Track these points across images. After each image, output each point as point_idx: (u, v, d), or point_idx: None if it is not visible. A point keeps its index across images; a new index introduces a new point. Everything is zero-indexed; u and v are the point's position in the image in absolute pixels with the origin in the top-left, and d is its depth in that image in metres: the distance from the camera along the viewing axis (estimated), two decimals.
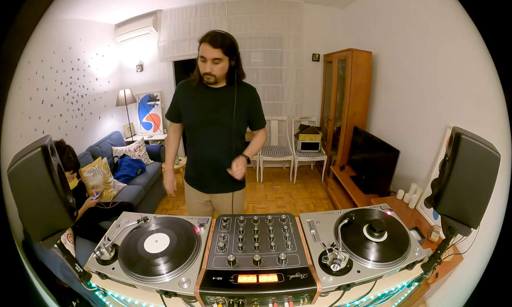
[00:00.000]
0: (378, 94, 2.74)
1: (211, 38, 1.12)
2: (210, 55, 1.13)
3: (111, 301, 0.87)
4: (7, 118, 1.41)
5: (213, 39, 1.12)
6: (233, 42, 1.17)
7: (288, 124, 3.62)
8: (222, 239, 0.88)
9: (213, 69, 1.16)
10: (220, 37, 1.13)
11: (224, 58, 1.16)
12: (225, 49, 1.14)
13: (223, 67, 1.18)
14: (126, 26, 3.26)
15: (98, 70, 3.05)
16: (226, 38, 1.15)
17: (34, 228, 0.66)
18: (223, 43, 1.13)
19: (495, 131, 1.27)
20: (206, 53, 1.13)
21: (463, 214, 0.71)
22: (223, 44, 1.13)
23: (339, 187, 2.80)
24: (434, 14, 1.83)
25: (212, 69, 1.16)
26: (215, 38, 1.12)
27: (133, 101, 3.48)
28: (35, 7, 1.36)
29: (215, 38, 1.12)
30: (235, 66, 1.22)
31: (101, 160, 2.56)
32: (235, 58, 1.21)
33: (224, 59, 1.16)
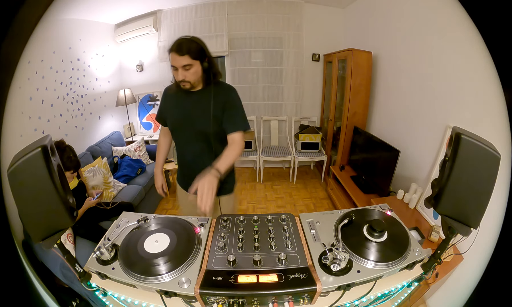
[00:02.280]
0: (378, 94, 2.74)
1: (177, 46, 1.13)
2: (179, 63, 1.14)
3: (111, 301, 0.87)
4: (7, 118, 1.41)
5: (179, 47, 1.12)
6: (200, 45, 1.17)
7: (288, 124, 3.62)
8: (222, 239, 0.88)
9: (186, 75, 1.17)
10: (186, 43, 1.13)
11: (194, 63, 1.16)
12: (192, 54, 1.14)
13: (196, 71, 1.18)
14: (126, 26, 3.26)
15: (98, 70, 3.05)
16: (192, 43, 1.15)
17: (34, 228, 0.66)
18: (189, 49, 1.13)
19: (495, 131, 1.27)
20: (175, 62, 1.15)
21: (463, 214, 0.71)
22: (190, 50, 1.13)
23: (339, 187, 2.80)
24: (434, 14, 1.83)
25: (184, 76, 1.17)
26: (181, 45, 1.13)
27: (133, 101, 3.48)
28: (35, 7, 1.37)
29: (180, 45, 1.13)
30: (209, 67, 1.22)
31: (101, 160, 2.56)
32: (207, 60, 1.20)
33: (194, 64, 1.16)
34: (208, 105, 1.23)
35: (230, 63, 3.40)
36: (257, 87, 3.51)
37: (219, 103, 1.24)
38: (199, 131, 1.27)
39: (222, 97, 1.26)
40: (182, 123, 1.30)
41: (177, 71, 1.17)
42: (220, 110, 1.25)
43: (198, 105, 1.26)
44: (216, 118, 1.25)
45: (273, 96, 3.57)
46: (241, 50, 3.35)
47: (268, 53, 3.37)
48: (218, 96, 1.25)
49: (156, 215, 0.98)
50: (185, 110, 1.28)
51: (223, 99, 1.26)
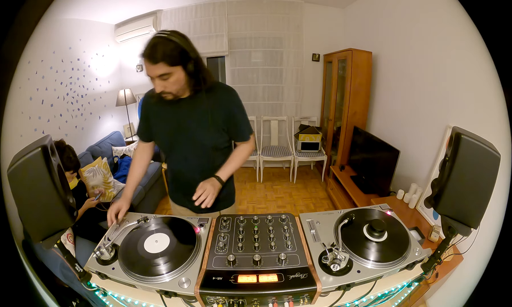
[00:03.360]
0: (378, 94, 2.74)
1: (149, 52, 0.88)
2: (153, 72, 0.90)
3: (111, 301, 0.87)
4: (7, 118, 1.41)
5: (151, 53, 0.88)
6: (179, 45, 0.91)
7: (288, 124, 3.62)
8: (222, 239, 0.88)
9: (165, 86, 0.94)
10: (160, 46, 0.88)
11: (174, 70, 0.91)
12: (170, 59, 0.89)
13: (177, 79, 0.94)
14: (126, 26, 3.26)
15: (98, 70, 3.05)
16: (169, 45, 0.89)
17: (34, 228, 0.66)
18: (164, 54, 0.88)
19: (495, 131, 1.27)
20: (149, 71, 0.91)
21: (463, 214, 0.71)
22: (165, 55, 0.88)
23: (339, 187, 2.80)
24: (434, 14, 1.83)
25: (164, 86, 0.94)
26: (154, 50, 0.88)
27: (133, 101, 3.48)
28: (35, 7, 1.37)
29: (153, 50, 0.88)
30: (196, 70, 0.97)
31: (101, 160, 2.56)
32: (192, 61, 0.95)
33: (174, 71, 0.92)
34: (205, 114, 1.04)
35: (230, 63, 3.40)
36: (257, 87, 3.51)
37: (220, 111, 1.06)
38: (197, 145, 1.09)
39: (222, 101, 1.07)
40: (178, 139, 1.09)
41: (154, 81, 0.94)
42: (221, 118, 1.07)
43: (193, 115, 1.06)
44: (215, 128, 1.07)
45: (273, 96, 3.57)
46: (241, 50, 3.35)
47: (268, 53, 3.37)
48: (215, 101, 1.06)
49: (156, 215, 0.98)
50: (179, 123, 1.07)
51: (224, 104, 1.07)
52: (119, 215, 0.98)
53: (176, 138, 1.10)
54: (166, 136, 1.11)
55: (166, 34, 0.90)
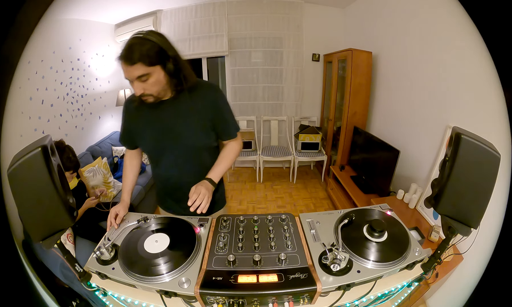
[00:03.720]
0: (378, 94, 2.74)
1: (125, 54, 0.86)
2: (131, 74, 0.88)
3: (111, 301, 0.87)
4: (7, 118, 1.41)
5: (128, 54, 0.86)
6: (157, 44, 0.88)
7: (288, 124, 3.62)
8: (222, 239, 0.88)
9: (145, 88, 0.91)
10: (137, 47, 0.86)
11: (153, 70, 0.89)
12: (147, 59, 0.86)
13: (157, 80, 0.91)
14: (126, 26, 3.26)
15: (98, 70, 3.05)
16: (145, 44, 0.87)
17: (34, 228, 0.66)
18: (141, 55, 0.85)
19: (495, 131, 1.27)
20: (126, 74, 0.89)
21: (463, 214, 0.71)
22: (142, 55, 0.85)
23: (339, 187, 2.80)
24: (434, 14, 1.83)
25: (143, 88, 0.91)
26: (130, 50, 0.86)
27: None
28: (35, 7, 1.36)
29: (129, 51, 0.86)
30: (176, 69, 0.94)
31: (101, 160, 2.56)
32: (172, 60, 0.92)
33: (153, 72, 0.89)
34: (191, 115, 1.02)
35: (230, 63, 3.40)
36: (257, 87, 3.51)
37: (203, 109, 1.03)
38: (185, 148, 1.06)
39: (206, 101, 1.04)
40: (164, 144, 1.06)
41: (132, 84, 0.91)
42: (205, 116, 1.04)
43: (178, 117, 1.02)
44: (201, 128, 1.04)
45: (273, 96, 3.57)
46: (241, 50, 3.35)
47: (268, 53, 3.37)
48: (199, 101, 1.02)
49: (156, 215, 0.99)
50: (163, 127, 1.03)
51: (208, 103, 1.04)
52: (117, 220, 0.98)
53: (163, 143, 1.06)
54: (152, 142, 1.07)
55: (142, 34, 0.88)
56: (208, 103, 1.04)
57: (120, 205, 1.03)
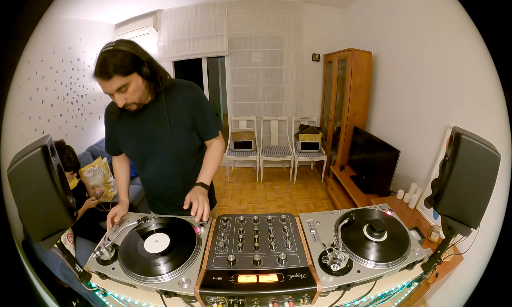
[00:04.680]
0: (378, 94, 2.74)
1: (99, 70, 0.84)
2: (110, 88, 0.87)
3: (111, 301, 0.87)
4: (7, 118, 1.41)
5: (102, 69, 0.84)
6: (128, 52, 0.87)
7: (288, 124, 3.62)
8: (222, 239, 0.88)
9: (126, 97, 0.90)
10: (109, 59, 0.84)
11: (131, 79, 0.88)
12: (123, 69, 0.85)
13: (136, 87, 0.91)
14: (126, 26, 3.27)
15: None
16: (117, 55, 0.85)
17: (34, 228, 0.66)
18: (116, 67, 0.84)
19: (495, 131, 1.27)
20: (105, 89, 0.88)
21: (463, 214, 0.71)
22: (117, 67, 0.84)
23: (339, 187, 2.80)
24: (434, 14, 1.83)
25: (125, 98, 0.90)
26: (104, 65, 0.84)
27: None
28: (35, 7, 1.36)
29: (103, 66, 0.84)
30: (152, 72, 0.94)
31: (101, 160, 2.56)
32: (146, 64, 0.92)
33: (131, 80, 0.88)
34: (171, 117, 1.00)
35: (230, 63, 3.40)
36: (257, 87, 3.51)
37: (184, 110, 1.02)
38: (171, 150, 1.05)
39: (186, 101, 1.03)
40: (147, 148, 1.06)
41: (113, 97, 0.90)
42: (187, 117, 1.04)
43: (158, 120, 1.01)
44: (182, 129, 1.04)
45: (273, 96, 3.57)
46: (241, 50, 3.35)
47: (268, 53, 3.37)
48: (177, 101, 1.02)
49: (156, 215, 0.98)
50: (145, 131, 1.03)
51: (189, 103, 1.04)
52: (115, 219, 0.98)
53: (146, 148, 1.05)
54: (135, 148, 1.07)
55: (111, 46, 0.86)
56: (188, 102, 1.03)
57: (119, 206, 1.03)
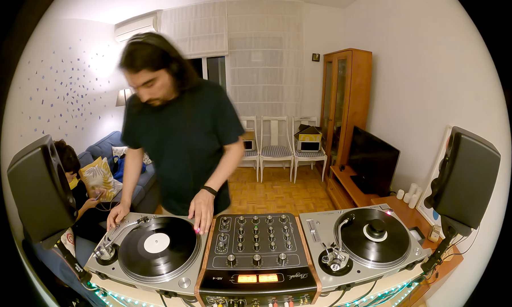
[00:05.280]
0: (378, 94, 2.74)
1: (128, 61, 0.81)
2: (136, 82, 0.84)
3: (111, 301, 0.87)
4: (7, 118, 1.41)
5: (131, 62, 0.81)
6: (158, 47, 0.84)
7: (288, 124, 3.62)
8: (222, 239, 0.88)
9: (151, 93, 0.88)
10: (139, 52, 0.81)
11: (158, 74, 0.86)
12: (151, 64, 0.83)
13: (163, 83, 0.88)
14: (126, 26, 3.26)
15: (98, 70, 3.05)
16: (147, 49, 0.82)
17: (34, 228, 0.66)
18: (144, 60, 0.81)
19: (495, 131, 1.27)
20: (131, 82, 0.85)
21: (463, 214, 0.71)
22: (145, 61, 0.81)
23: (339, 187, 2.80)
24: (434, 14, 1.83)
25: (150, 94, 0.88)
26: (132, 57, 0.81)
27: None
28: (35, 7, 1.36)
29: (131, 58, 0.81)
30: (180, 70, 0.91)
31: (101, 160, 2.56)
32: (174, 61, 0.89)
33: (158, 76, 0.86)
34: (193, 117, 0.99)
35: (230, 63, 3.40)
36: (257, 87, 3.51)
37: (206, 111, 1.00)
38: (187, 150, 1.03)
39: (209, 102, 1.01)
40: (166, 146, 1.04)
41: (138, 90, 0.88)
42: (209, 119, 1.01)
43: (180, 119, 1.00)
44: (203, 131, 1.02)
45: (273, 96, 3.57)
46: (241, 50, 3.35)
47: (268, 53, 3.37)
48: (203, 103, 1.00)
49: (156, 215, 0.98)
50: (165, 129, 1.01)
51: (211, 105, 1.01)
52: (116, 220, 0.97)
53: (164, 144, 1.04)
54: (154, 143, 1.05)
55: (141, 38, 0.83)
56: (210, 104, 1.01)
57: (120, 206, 1.01)
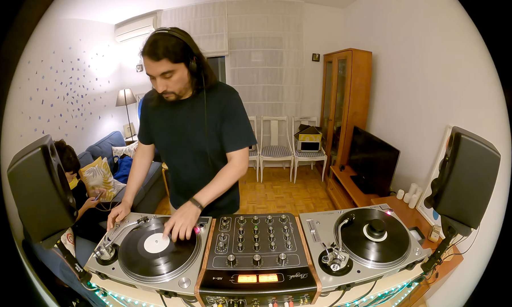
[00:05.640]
0: (378, 94, 2.74)
1: (150, 49, 0.83)
2: (155, 71, 0.86)
3: (111, 301, 0.87)
4: (7, 118, 1.41)
5: (153, 50, 0.83)
6: (182, 41, 0.87)
7: (288, 124, 3.62)
8: (222, 239, 0.88)
9: (168, 85, 0.89)
10: (162, 42, 0.83)
11: (177, 67, 0.87)
12: (173, 55, 0.85)
13: (180, 77, 0.90)
14: (126, 26, 3.27)
15: (98, 70, 3.05)
16: (170, 41, 0.85)
17: (34, 228, 0.66)
18: (167, 50, 0.83)
19: (495, 131, 1.27)
20: (150, 70, 0.86)
21: (463, 214, 0.71)
22: (167, 51, 0.83)
23: (339, 187, 2.80)
24: (434, 14, 1.83)
25: (166, 85, 0.89)
26: (155, 46, 0.83)
27: (133, 101, 3.48)
28: (35, 7, 1.36)
29: (154, 46, 0.83)
30: (199, 68, 0.93)
31: (101, 160, 2.56)
32: (195, 58, 0.91)
33: (177, 69, 0.87)
34: (204, 118, 0.98)
35: (230, 63, 3.40)
36: (257, 87, 3.51)
37: (215, 113, 0.99)
38: (197, 150, 1.03)
39: (220, 104, 1.00)
40: (176, 144, 1.05)
41: (155, 81, 0.89)
42: (218, 121, 1.00)
43: (192, 119, 1.00)
44: (216, 133, 1.01)
45: (273, 96, 3.57)
46: (241, 50, 3.35)
47: (268, 53, 3.37)
48: (215, 104, 0.99)
49: (156, 215, 0.98)
50: (177, 127, 1.02)
51: (221, 107, 0.99)
52: (117, 220, 0.97)
53: (176, 143, 1.05)
54: (165, 141, 1.07)
55: (167, 30, 0.86)
56: (221, 106, 1.00)
57: (122, 206, 1.01)
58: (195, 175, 1.09)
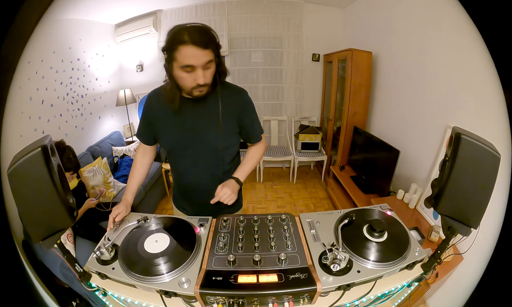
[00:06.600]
0: (378, 94, 2.74)
1: (198, 37, 0.81)
2: (201, 60, 0.83)
3: (111, 301, 0.87)
4: (7, 118, 1.41)
5: (201, 38, 0.82)
6: (216, 36, 0.88)
7: (288, 124, 3.62)
8: (222, 239, 0.88)
9: (206, 76, 0.88)
10: (205, 33, 0.84)
11: (214, 60, 0.89)
12: (214, 47, 0.86)
13: (213, 70, 0.91)
14: (126, 26, 3.26)
15: (98, 70, 3.05)
16: (210, 32, 0.86)
17: (34, 228, 0.66)
18: (211, 40, 0.85)
19: (495, 131, 1.27)
20: (195, 59, 0.83)
21: (463, 214, 0.71)
22: (212, 42, 0.85)
23: (339, 187, 2.80)
24: (434, 14, 1.83)
25: (205, 77, 0.87)
26: (201, 35, 0.82)
27: (133, 101, 3.48)
28: (35, 7, 1.36)
29: (202, 35, 0.82)
30: (219, 64, 0.93)
31: (101, 160, 2.56)
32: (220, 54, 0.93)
33: (214, 61, 0.89)
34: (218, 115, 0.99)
35: (230, 63, 3.40)
36: (257, 87, 3.51)
37: (233, 111, 1.01)
38: (207, 148, 1.03)
39: (236, 104, 1.03)
40: (186, 142, 1.03)
41: (193, 73, 0.86)
42: (234, 120, 1.03)
43: (206, 116, 1.00)
44: (229, 130, 1.03)
45: (273, 96, 3.57)
46: (241, 50, 3.35)
47: (268, 53, 3.37)
48: (230, 102, 1.01)
49: (156, 215, 0.98)
50: (189, 124, 1.00)
51: (239, 106, 1.03)
52: (117, 219, 0.96)
53: (186, 140, 1.03)
54: (173, 140, 1.05)
55: (200, 24, 0.85)
56: (238, 106, 1.04)
57: (123, 205, 1.00)
58: (203, 174, 1.09)
